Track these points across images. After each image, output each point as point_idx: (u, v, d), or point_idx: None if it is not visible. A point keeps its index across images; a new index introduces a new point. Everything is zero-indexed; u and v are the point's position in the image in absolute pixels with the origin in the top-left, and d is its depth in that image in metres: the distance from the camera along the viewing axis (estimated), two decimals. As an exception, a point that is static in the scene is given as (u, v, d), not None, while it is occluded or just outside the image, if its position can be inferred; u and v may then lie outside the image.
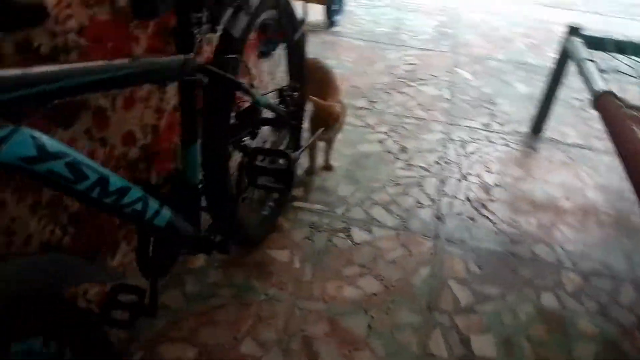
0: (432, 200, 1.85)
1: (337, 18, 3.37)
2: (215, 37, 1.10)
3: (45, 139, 0.60)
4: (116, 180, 0.75)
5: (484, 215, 1.80)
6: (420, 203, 1.83)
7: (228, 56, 1.09)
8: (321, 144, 1.91)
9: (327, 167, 1.95)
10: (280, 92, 1.44)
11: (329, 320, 1.38)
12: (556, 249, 1.68)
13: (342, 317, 1.39)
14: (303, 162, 1.94)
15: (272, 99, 1.50)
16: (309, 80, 1.80)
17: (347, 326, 1.37)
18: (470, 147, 2.17)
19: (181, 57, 0.91)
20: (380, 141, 2.17)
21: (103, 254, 1.33)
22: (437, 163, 2.06)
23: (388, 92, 2.55)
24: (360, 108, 2.39)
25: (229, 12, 1.10)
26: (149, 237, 1.03)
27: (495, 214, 1.82)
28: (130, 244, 1.34)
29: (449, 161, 2.07)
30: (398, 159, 2.07)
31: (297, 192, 1.82)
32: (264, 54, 2.70)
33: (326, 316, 1.39)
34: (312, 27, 3.30)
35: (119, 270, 1.32)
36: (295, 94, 1.45)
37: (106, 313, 1.08)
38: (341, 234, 1.66)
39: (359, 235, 1.66)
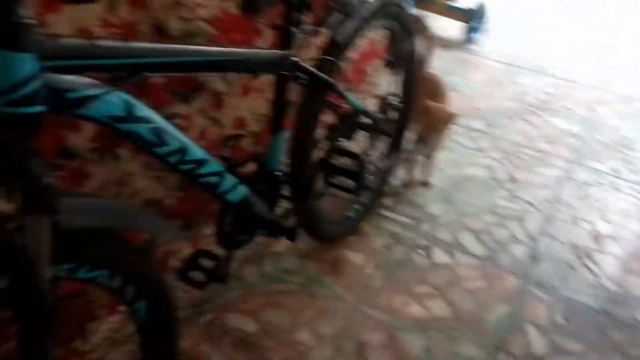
0: (531, 238, 1.73)
1: (476, 36, 3.27)
2: (319, 39, 1.17)
3: (137, 104, 0.71)
4: (196, 152, 0.85)
5: (587, 266, 1.64)
6: (515, 238, 1.73)
7: (327, 58, 1.15)
8: (421, 158, 1.89)
9: (424, 183, 1.93)
10: (383, 100, 1.47)
11: (387, 332, 1.37)
12: (666, 320, 1.47)
13: (401, 332, 1.38)
14: (400, 173, 1.94)
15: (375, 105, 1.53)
16: (420, 91, 1.80)
17: (403, 342, 1.35)
18: (591, 191, 1.98)
19: (278, 52, 0.98)
20: (489, 167, 2.08)
21: (198, 221, 1.48)
22: (547, 201, 1.91)
23: (511, 118, 2.42)
24: (476, 130, 2.31)
25: (337, 16, 1.16)
26: (228, 212, 1.13)
27: (601, 267, 1.64)
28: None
29: (561, 201, 1.92)
30: (503, 188, 1.96)
31: (387, 201, 1.83)
32: (392, 63, 2.73)
33: (385, 327, 1.38)
34: (447, 42, 3.25)
35: (208, 240, 1.45)
36: (399, 104, 1.47)
37: (185, 272, 1.21)
38: (421, 251, 1.63)
39: (439, 256, 1.62)
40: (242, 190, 1.02)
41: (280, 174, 1.13)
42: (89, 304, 1.21)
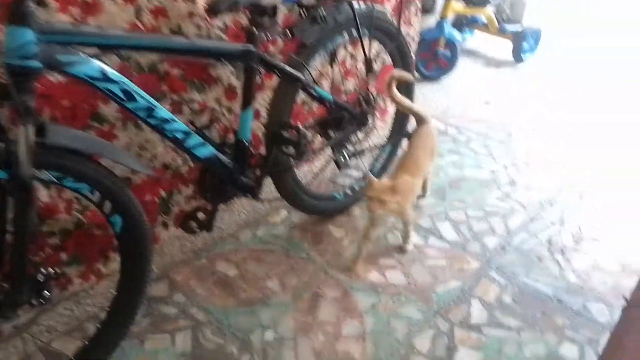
0: (508, 232, 1.85)
1: (526, 55, 3.35)
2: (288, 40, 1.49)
3: (110, 70, 1.08)
4: (161, 112, 1.20)
5: (556, 260, 1.73)
6: (493, 231, 1.86)
7: (294, 57, 1.46)
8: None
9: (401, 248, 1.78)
10: (359, 95, 1.74)
11: (343, 290, 1.60)
12: (617, 312, 1.52)
13: (355, 291, 1.60)
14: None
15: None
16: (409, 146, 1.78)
17: (354, 299, 1.57)
18: (589, 198, 2.03)
19: (239, 46, 1.31)
20: (493, 171, 2.21)
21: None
22: (540, 204, 2.01)
23: (535, 131, 2.51)
24: (494, 140, 2.44)
25: (305, 23, 1.46)
26: (205, 171, 1.46)
27: (570, 262, 1.72)
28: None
29: (553, 204, 2.00)
30: (500, 189, 2.09)
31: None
32: (429, 77, 2.95)
33: (343, 286, 1.61)
34: (496, 61, 3.37)
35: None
36: (371, 99, 1.73)
37: (184, 221, 1.57)
38: (397, 233, 1.83)
39: (413, 238, 1.81)
40: (209, 149, 1.35)
41: (246, 142, 1.45)
42: (110, 237, 1.60)
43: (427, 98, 2.79)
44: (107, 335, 1.31)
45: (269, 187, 1.76)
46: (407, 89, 2.00)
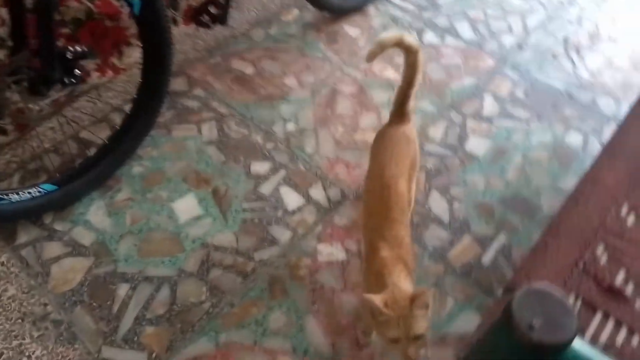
0: (526, 31, 1.82)
1: None
2: None
3: None
4: None
5: (570, 58, 1.73)
6: (510, 30, 1.82)
7: None
8: None
9: None
10: None
11: (359, 86, 1.62)
12: (623, 106, 1.58)
13: (371, 88, 1.62)
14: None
15: None
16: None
17: (370, 95, 1.60)
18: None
19: None
20: (514, -32, 2.07)
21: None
22: (560, 3, 1.93)
23: None
24: None
25: None
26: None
27: (584, 60, 1.72)
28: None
29: (573, 3, 1.93)
30: (520, -12, 1.99)
31: (398, -10, 1.96)
32: None
33: (359, 83, 1.63)
34: None
35: None
36: None
37: (197, 15, 1.51)
38: (413, 32, 1.79)
39: (429, 37, 1.78)
40: None
41: None
42: (123, 30, 1.55)
43: None
44: (137, 124, 1.35)
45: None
46: None
